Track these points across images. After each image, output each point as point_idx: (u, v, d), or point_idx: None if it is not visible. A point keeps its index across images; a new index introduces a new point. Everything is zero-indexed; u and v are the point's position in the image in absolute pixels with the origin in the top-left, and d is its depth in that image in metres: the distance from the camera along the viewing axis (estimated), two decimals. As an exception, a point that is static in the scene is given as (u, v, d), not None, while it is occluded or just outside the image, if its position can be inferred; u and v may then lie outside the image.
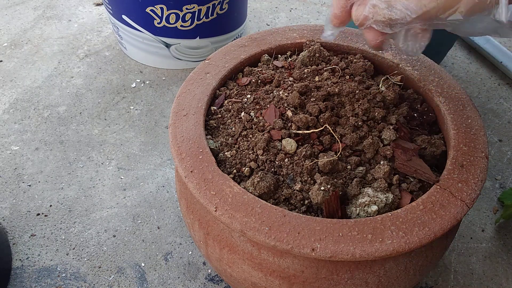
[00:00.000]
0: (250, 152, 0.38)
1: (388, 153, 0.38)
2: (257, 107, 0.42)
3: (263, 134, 0.39)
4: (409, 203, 0.35)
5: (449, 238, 0.39)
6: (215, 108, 0.43)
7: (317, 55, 0.46)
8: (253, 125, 0.40)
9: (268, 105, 0.41)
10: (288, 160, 0.37)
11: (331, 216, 0.34)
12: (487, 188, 0.62)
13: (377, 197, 0.35)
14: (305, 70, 0.44)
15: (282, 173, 0.37)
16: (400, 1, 0.28)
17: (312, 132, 0.39)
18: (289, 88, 0.42)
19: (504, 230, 0.57)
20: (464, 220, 0.58)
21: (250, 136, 0.40)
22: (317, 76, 0.43)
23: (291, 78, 0.44)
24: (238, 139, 0.40)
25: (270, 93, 0.42)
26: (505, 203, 0.57)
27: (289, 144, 0.38)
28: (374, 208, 0.34)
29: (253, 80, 0.44)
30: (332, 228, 0.32)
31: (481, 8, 0.26)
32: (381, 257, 0.31)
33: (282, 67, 0.46)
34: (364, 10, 0.31)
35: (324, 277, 0.34)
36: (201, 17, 0.72)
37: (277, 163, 0.38)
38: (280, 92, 0.42)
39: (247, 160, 0.38)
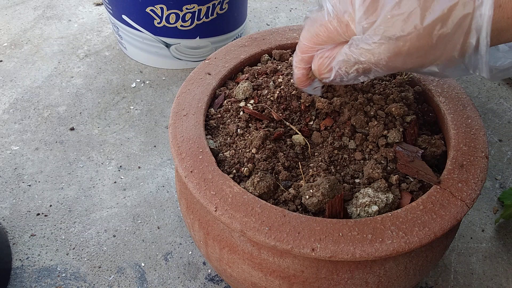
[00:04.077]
0: (247, 151, 0.38)
1: (390, 154, 0.37)
2: (258, 93, 0.42)
3: (258, 132, 0.39)
4: (409, 203, 0.35)
5: (449, 238, 0.39)
6: (215, 108, 0.43)
7: None
8: (251, 124, 0.40)
9: (268, 89, 0.42)
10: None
11: (333, 217, 0.34)
12: (487, 188, 0.62)
13: (378, 197, 0.35)
14: None
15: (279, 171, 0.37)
16: (369, 58, 0.28)
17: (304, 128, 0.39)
18: (286, 74, 0.42)
19: (504, 230, 0.57)
20: (464, 220, 0.58)
21: (247, 134, 0.40)
22: None
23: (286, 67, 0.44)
24: (236, 139, 0.40)
25: (270, 79, 0.43)
26: (505, 203, 0.57)
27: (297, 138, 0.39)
28: (375, 208, 0.34)
29: (250, 74, 0.45)
30: (332, 228, 0.32)
31: (456, 63, 0.27)
32: (381, 257, 0.31)
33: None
34: (331, 64, 0.31)
35: (324, 277, 0.34)
36: (201, 17, 0.72)
37: (272, 162, 0.38)
38: (279, 79, 0.42)
39: (244, 159, 0.38)
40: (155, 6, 0.69)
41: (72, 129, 0.69)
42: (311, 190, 0.34)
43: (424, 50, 0.26)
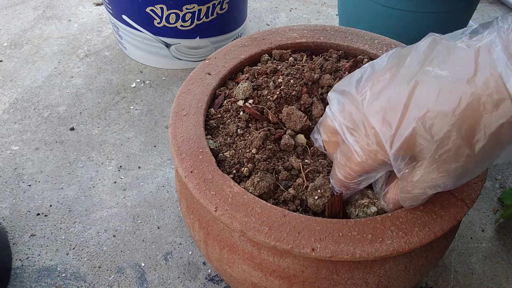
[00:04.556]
0: (247, 151, 0.38)
1: None
2: (258, 94, 0.42)
3: (259, 133, 0.39)
4: (409, 203, 0.35)
5: (449, 238, 0.39)
6: (215, 108, 0.43)
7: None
8: (251, 124, 0.40)
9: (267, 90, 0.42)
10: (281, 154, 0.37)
11: (333, 217, 0.34)
12: (487, 188, 0.62)
13: (377, 198, 0.35)
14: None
15: (279, 171, 0.37)
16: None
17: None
18: (285, 74, 0.42)
19: (504, 230, 0.57)
20: (464, 220, 0.58)
21: (247, 135, 0.40)
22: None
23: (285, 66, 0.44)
24: (236, 139, 0.40)
25: (270, 79, 0.43)
26: (505, 203, 0.57)
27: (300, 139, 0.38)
28: (373, 209, 0.34)
29: (250, 74, 0.45)
30: (332, 228, 0.32)
31: None
32: (381, 257, 0.31)
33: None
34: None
35: (324, 277, 0.34)
36: (201, 17, 0.72)
37: (273, 163, 0.38)
38: (279, 79, 0.42)
39: (244, 159, 0.38)
40: (155, 6, 0.69)
41: (72, 129, 0.69)
42: (319, 191, 0.34)
43: (485, 163, 0.26)
